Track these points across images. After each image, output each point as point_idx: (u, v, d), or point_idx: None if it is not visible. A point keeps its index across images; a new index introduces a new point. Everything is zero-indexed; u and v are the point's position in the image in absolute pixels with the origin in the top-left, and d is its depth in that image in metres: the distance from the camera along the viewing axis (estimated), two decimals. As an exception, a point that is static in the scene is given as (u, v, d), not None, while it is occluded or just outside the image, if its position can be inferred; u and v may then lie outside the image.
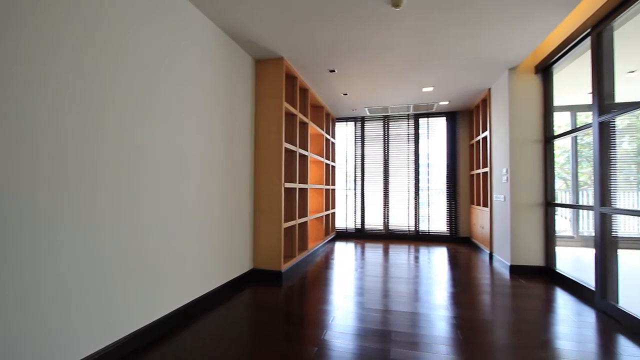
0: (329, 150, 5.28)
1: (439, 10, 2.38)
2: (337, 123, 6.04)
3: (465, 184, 5.51)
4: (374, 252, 4.63)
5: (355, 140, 6.03)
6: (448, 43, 2.92)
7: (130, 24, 1.78)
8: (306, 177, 3.99)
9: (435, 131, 5.72)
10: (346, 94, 4.53)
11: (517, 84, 3.50)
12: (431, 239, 5.62)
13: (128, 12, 1.77)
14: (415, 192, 5.71)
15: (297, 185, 3.58)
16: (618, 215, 2.36)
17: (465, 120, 5.52)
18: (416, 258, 4.24)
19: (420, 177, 5.71)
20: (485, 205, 4.46)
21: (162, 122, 2.00)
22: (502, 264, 3.69)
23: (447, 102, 4.95)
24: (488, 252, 4.23)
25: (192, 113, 2.30)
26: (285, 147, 3.30)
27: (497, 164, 3.94)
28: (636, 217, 5.56)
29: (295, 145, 3.59)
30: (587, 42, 2.59)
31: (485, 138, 4.47)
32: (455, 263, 3.96)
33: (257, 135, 3.28)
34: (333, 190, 5.60)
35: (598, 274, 2.42)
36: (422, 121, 5.73)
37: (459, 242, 5.45)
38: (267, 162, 3.24)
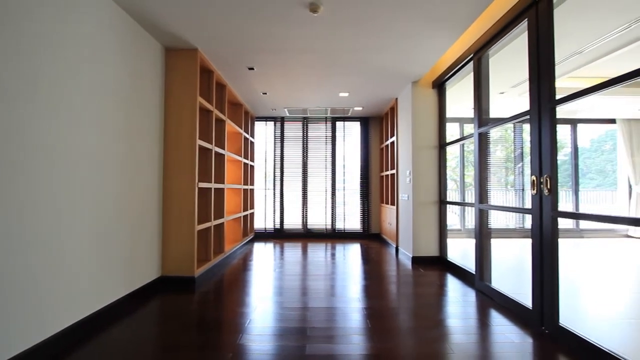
0: (247, 150, 5.16)
1: (353, 20, 2.53)
2: (256, 122, 5.94)
3: (376, 184, 5.98)
4: (292, 251, 4.68)
5: (275, 140, 6.02)
6: (361, 53, 3.14)
7: (-3, -12, 1.45)
8: (223, 176, 3.82)
9: (351, 134, 6.08)
10: (266, 93, 4.49)
11: (418, 96, 3.95)
12: (346, 236, 5.95)
13: (-5, -27, 1.44)
14: (332, 192, 5.98)
15: (212, 185, 3.40)
16: (492, 210, 2.85)
17: (377, 126, 6.01)
18: (333, 255, 4.43)
19: (337, 177, 6.00)
20: (392, 203, 4.91)
21: (43, 112, 1.69)
22: (406, 256, 4.12)
23: (361, 108, 5.31)
24: (395, 246, 4.68)
25: (83, 103, 1.99)
26: (199, 145, 3.11)
27: (402, 167, 4.39)
28: (504, 212, 6.75)
29: (211, 143, 3.41)
30: (471, 65, 3.07)
31: (393, 143, 4.93)
32: (367, 258, 4.27)
33: (167, 130, 3.01)
34: (252, 190, 5.48)
35: (477, 260, 2.89)
36: (339, 124, 6.03)
37: (371, 238, 5.90)
38: (179, 160, 3.00)
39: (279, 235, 5.94)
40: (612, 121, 6.15)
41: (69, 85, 1.87)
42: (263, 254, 4.46)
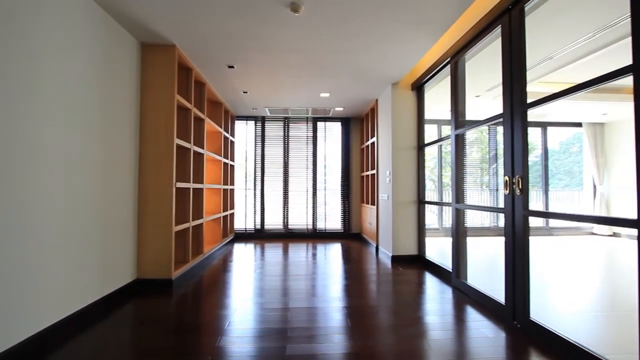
0: (227, 149, 5.08)
1: (335, 21, 2.55)
2: (237, 121, 5.86)
3: (357, 184, 6.04)
4: (273, 251, 4.65)
5: (256, 140, 5.96)
6: (342, 54, 3.16)
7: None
8: (202, 176, 3.75)
9: (332, 135, 6.11)
10: (246, 92, 4.44)
11: (398, 97, 4.02)
12: (327, 236, 5.97)
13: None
14: (313, 192, 5.98)
15: (191, 185, 3.33)
16: (468, 210, 2.94)
17: (358, 126, 6.06)
18: (314, 255, 4.44)
19: (318, 177, 6.01)
20: (372, 203, 4.97)
21: (7, 109, 1.59)
22: (386, 255, 4.18)
23: (342, 109, 5.34)
24: (375, 245, 4.74)
25: (54, 99, 1.90)
26: (177, 144, 3.03)
27: (382, 167, 4.45)
28: (479, 211, 6.95)
29: (190, 142, 3.33)
30: (448, 68, 3.15)
31: (373, 143, 4.99)
32: (348, 257, 4.30)
33: (144, 129, 2.92)
34: (232, 190, 5.41)
35: (454, 258, 2.97)
36: (320, 125, 6.04)
37: (352, 237, 5.94)
38: (156, 160, 2.91)
39: (259, 236, 5.88)
40: (579, 125, 6.49)
41: (38, 83, 1.78)
42: (243, 255, 4.41)
